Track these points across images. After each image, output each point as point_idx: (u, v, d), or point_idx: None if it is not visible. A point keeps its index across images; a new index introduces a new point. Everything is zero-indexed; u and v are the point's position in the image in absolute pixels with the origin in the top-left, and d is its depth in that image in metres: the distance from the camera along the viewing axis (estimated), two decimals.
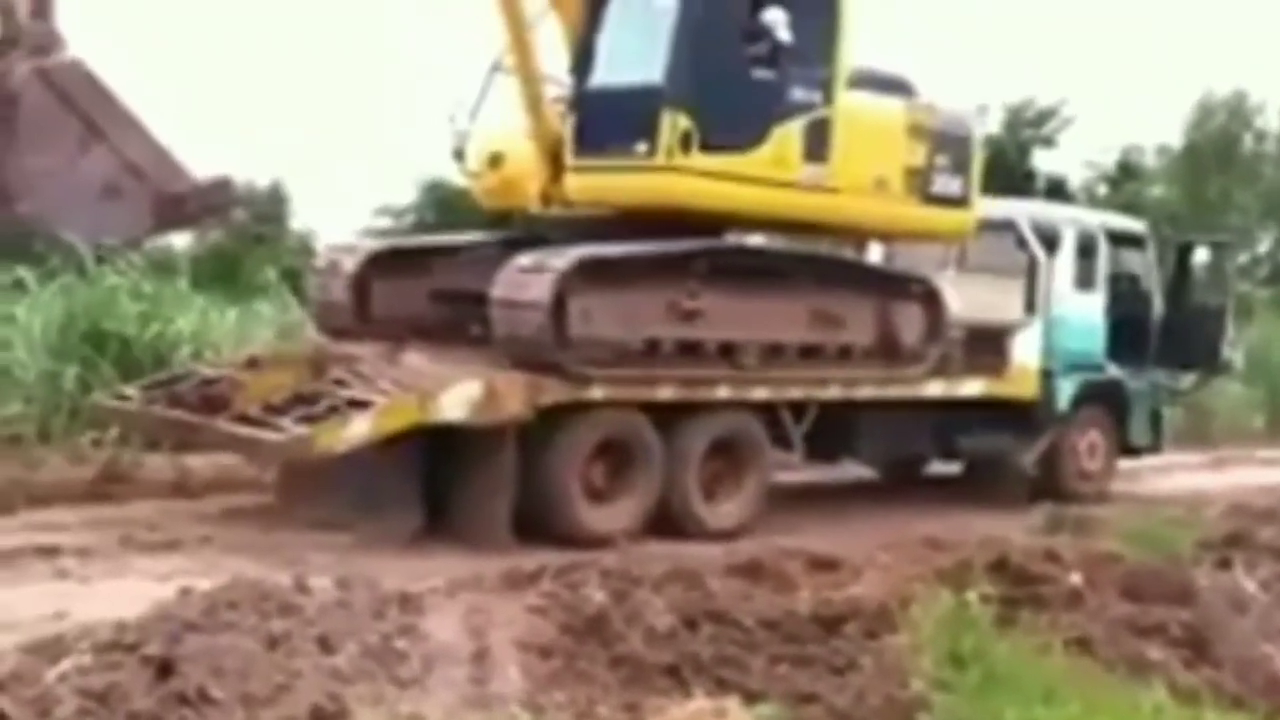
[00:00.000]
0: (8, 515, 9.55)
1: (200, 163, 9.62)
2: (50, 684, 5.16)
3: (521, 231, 11.42)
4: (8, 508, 9.72)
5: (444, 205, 42.03)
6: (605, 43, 10.72)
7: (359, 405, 9.08)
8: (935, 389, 11.90)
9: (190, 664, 5.42)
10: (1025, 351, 12.67)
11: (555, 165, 10.77)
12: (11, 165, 8.07)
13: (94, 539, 8.75)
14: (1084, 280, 13.37)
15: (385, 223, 47.20)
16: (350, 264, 11.17)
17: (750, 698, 6.90)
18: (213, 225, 9.32)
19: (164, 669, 5.37)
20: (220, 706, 5.26)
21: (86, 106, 8.22)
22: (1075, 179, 37.93)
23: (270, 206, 41.56)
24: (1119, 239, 13.97)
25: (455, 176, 12.58)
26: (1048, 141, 37.76)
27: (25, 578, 7.73)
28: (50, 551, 8.29)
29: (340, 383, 9.50)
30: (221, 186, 9.10)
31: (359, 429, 8.88)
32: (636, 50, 10.46)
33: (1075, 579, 8.83)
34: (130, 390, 10.46)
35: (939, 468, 13.89)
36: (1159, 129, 46.25)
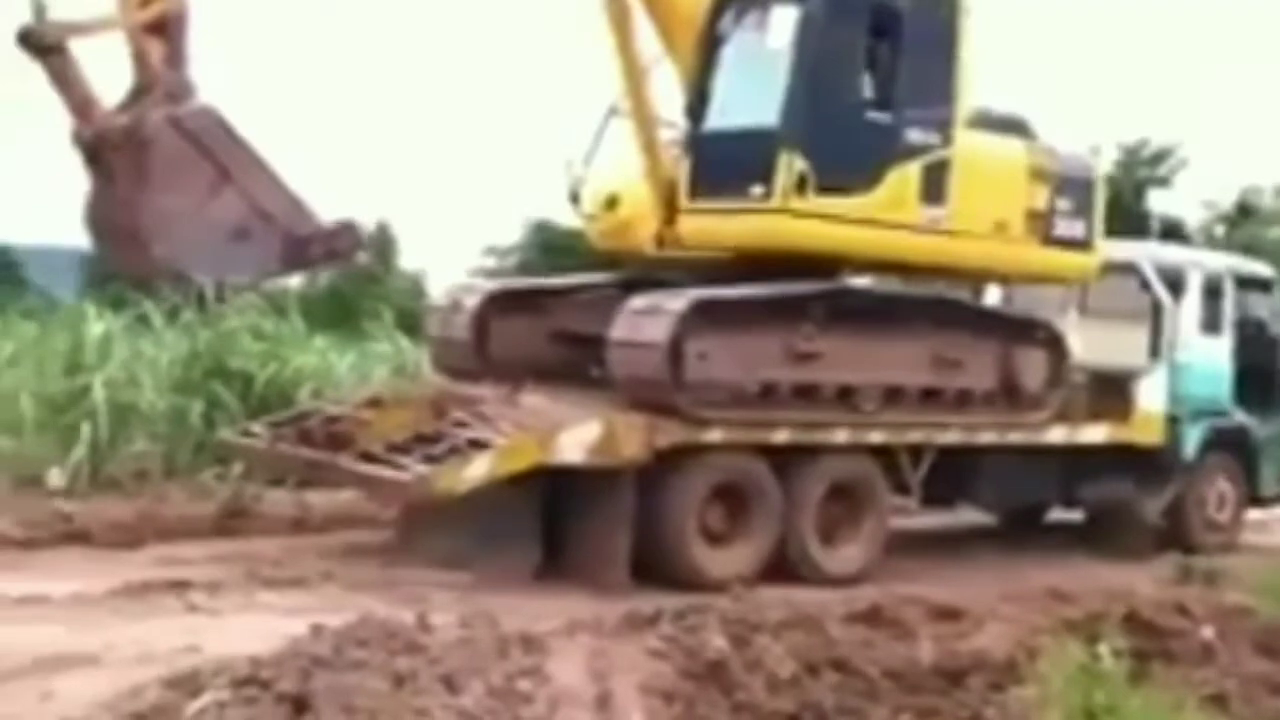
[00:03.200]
0: (136, 549, 9.78)
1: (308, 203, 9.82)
2: (190, 718, 5.24)
3: (637, 273, 11.47)
4: (136, 542, 9.97)
5: (550, 246, 42.61)
6: (720, 86, 10.74)
7: (479, 446, 9.16)
8: (1057, 435, 11.69)
9: (323, 701, 5.48)
10: (1150, 397, 12.40)
11: (670, 208, 10.80)
12: (145, 209, 8.30)
13: (221, 573, 8.91)
14: (1210, 324, 13.06)
15: (492, 263, 48.01)
16: (471, 303, 11.29)
17: None
18: (337, 268, 9.48)
19: (298, 706, 5.44)
20: None
21: (217, 151, 8.44)
22: (1192, 220, 37.31)
23: (378, 247, 42.46)
24: (1245, 282, 13.64)
25: (562, 217, 12.75)
26: (1163, 182, 37.23)
27: (157, 611, 7.88)
28: (180, 585, 8.44)
29: (461, 423, 9.59)
30: (348, 230, 9.24)
31: (479, 469, 8.96)
32: (751, 93, 10.48)
33: (1208, 633, 8.60)
34: (257, 427, 10.65)
35: (1060, 515, 13.59)
36: (1277, 169, 45.27)
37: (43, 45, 8.25)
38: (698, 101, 10.74)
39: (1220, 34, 65.50)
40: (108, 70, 8.66)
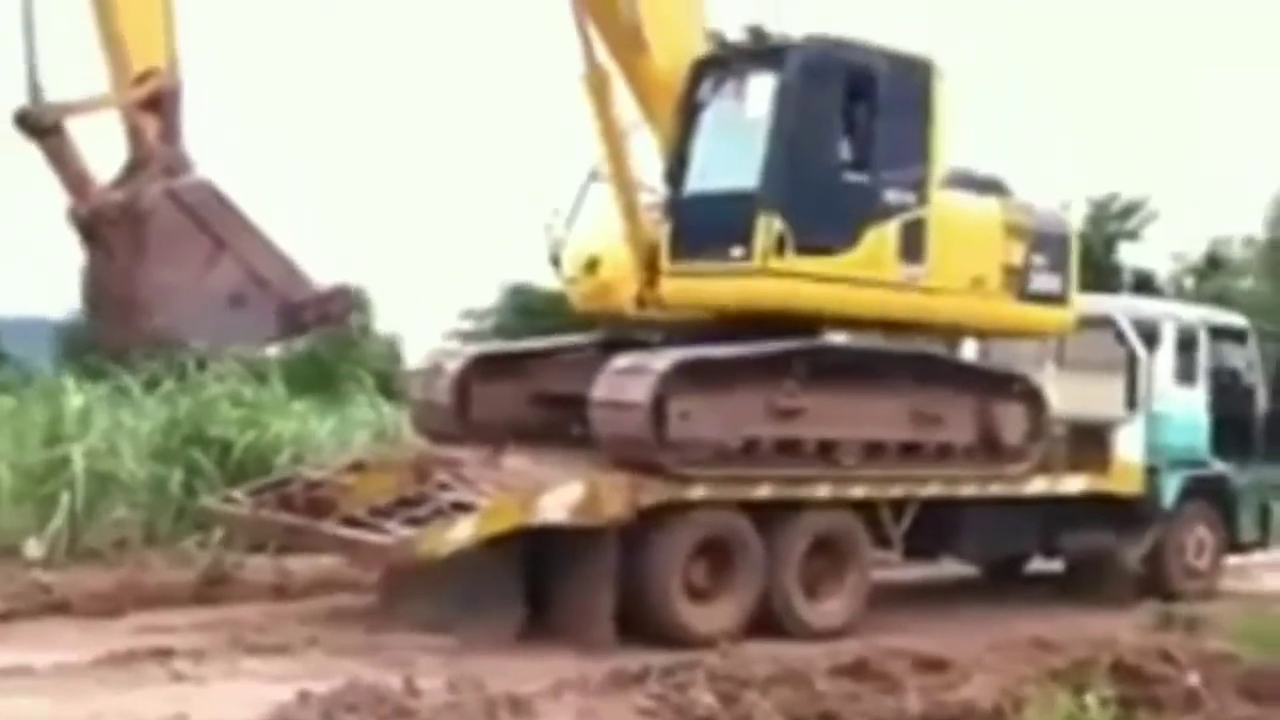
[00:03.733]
0: (118, 618, 9.71)
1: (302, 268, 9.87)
2: None
3: (617, 334, 11.54)
4: (117, 611, 9.90)
5: (527, 309, 42.70)
6: (699, 151, 10.88)
7: (462, 508, 9.17)
8: (1038, 486, 11.78)
9: None
10: (1128, 447, 12.50)
11: (651, 270, 10.89)
12: (143, 281, 8.36)
13: (205, 641, 8.85)
14: (1185, 375, 13.21)
15: (469, 326, 48.05)
16: (452, 367, 11.34)
17: None
18: (330, 331, 9.54)
19: None
20: None
21: (213, 222, 8.52)
22: (1162, 272, 37.68)
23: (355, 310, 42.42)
24: (1219, 333, 13.82)
25: (539, 280, 12.83)
26: (1133, 235, 37.60)
27: (142, 680, 7.82)
28: (164, 654, 8.37)
29: (444, 486, 9.59)
30: (341, 293, 9.29)
31: (463, 532, 8.96)
32: (730, 157, 10.62)
33: (1193, 679, 8.61)
34: (238, 494, 10.63)
35: (1041, 565, 13.64)
36: (1244, 220, 45.84)
37: (40, 127, 8.32)
38: (677, 166, 10.87)
39: (1185, 87, 66.60)
40: (101, 145, 8.72)
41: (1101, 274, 28.17)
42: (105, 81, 8.61)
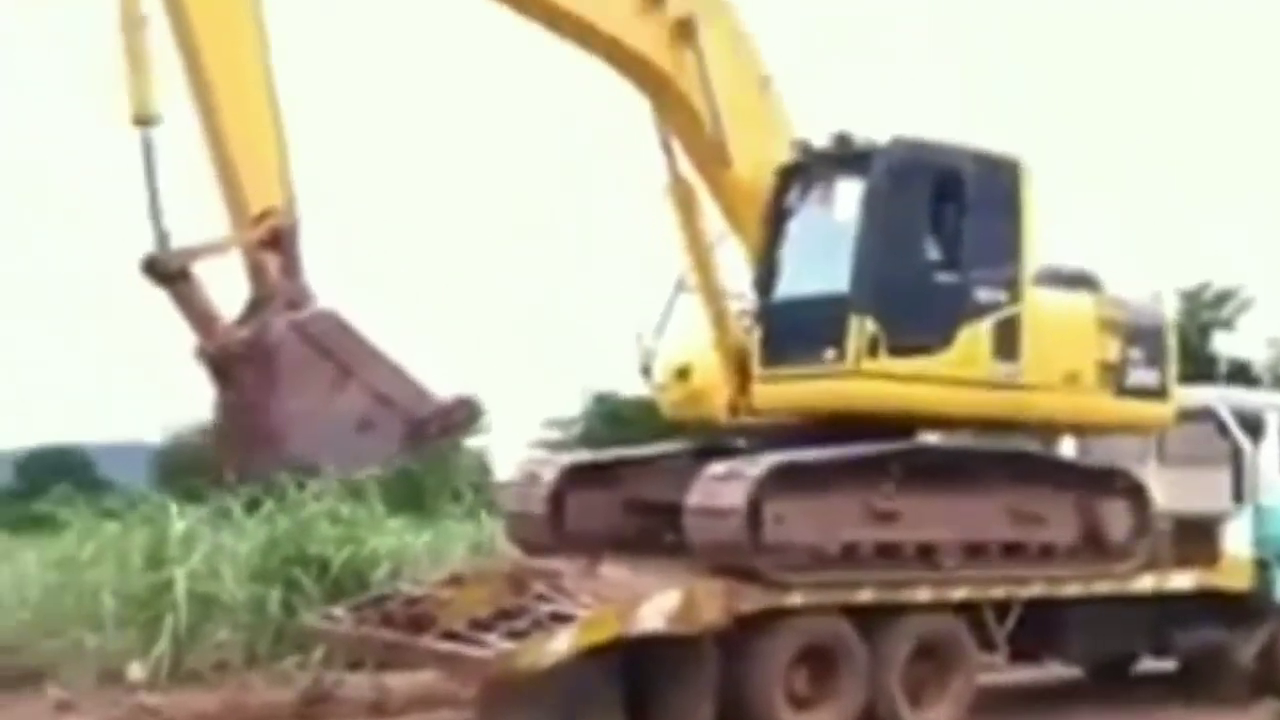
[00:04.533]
0: None
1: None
2: None
3: (710, 442, 11.53)
4: None
5: (613, 417, 42.84)
6: (788, 256, 10.95)
7: (561, 619, 9.13)
8: (1145, 584, 11.52)
9: None
10: (1236, 541, 12.22)
11: (742, 376, 10.91)
12: (275, 411, 8.62)
13: None
14: None
15: (555, 435, 48.20)
16: (547, 477, 11.36)
17: None
18: (453, 445, 9.71)
19: None
20: None
21: (338, 350, 8.79)
22: (1258, 359, 36.97)
23: None
24: None
25: (625, 387, 12.85)
26: (1227, 324, 36.99)
27: None
28: None
29: (542, 597, 9.56)
30: (463, 404, 9.49)
31: (562, 643, 8.91)
32: (820, 261, 10.66)
33: None
34: (337, 611, 10.67)
35: (1151, 664, 13.25)
36: None
37: (167, 274, 8.55)
38: (766, 272, 10.94)
39: (1271, 173, 65.74)
40: (224, 281, 8.94)
41: (1197, 364, 27.74)
42: (224, 221, 8.84)
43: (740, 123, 10.66)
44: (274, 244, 8.81)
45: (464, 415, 9.50)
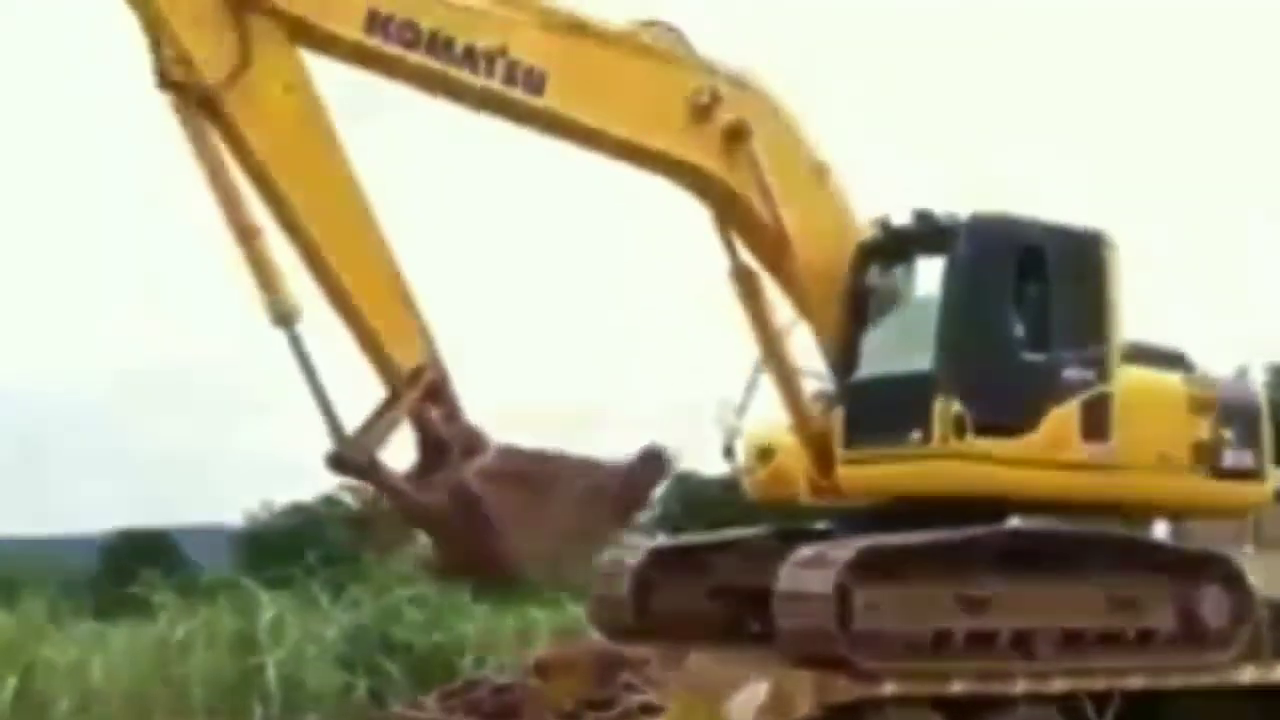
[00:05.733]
0: None
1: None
2: None
3: (794, 525, 11.42)
4: None
5: (692, 499, 42.60)
6: (869, 336, 10.88)
7: (651, 711, 9.06)
8: (1248, 676, 11.14)
9: None
10: None
11: (822, 458, 10.82)
12: (503, 550, 8.89)
13: None
14: None
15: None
16: (631, 561, 11.31)
17: None
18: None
19: None
20: None
21: (529, 475, 9.06)
22: None
23: None
24: None
25: (702, 468, 12.80)
26: None
27: None
28: None
29: (629, 687, 9.50)
30: (653, 458, 9.64)
31: None
32: (903, 340, 10.59)
33: None
34: (427, 700, 10.65)
35: None
36: None
37: (360, 467, 8.81)
38: (847, 352, 10.86)
39: None
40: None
41: None
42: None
43: (799, 211, 10.57)
44: (432, 398, 9.04)
45: (656, 468, 9.63)
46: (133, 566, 20.03)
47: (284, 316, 8.39)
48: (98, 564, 42.55)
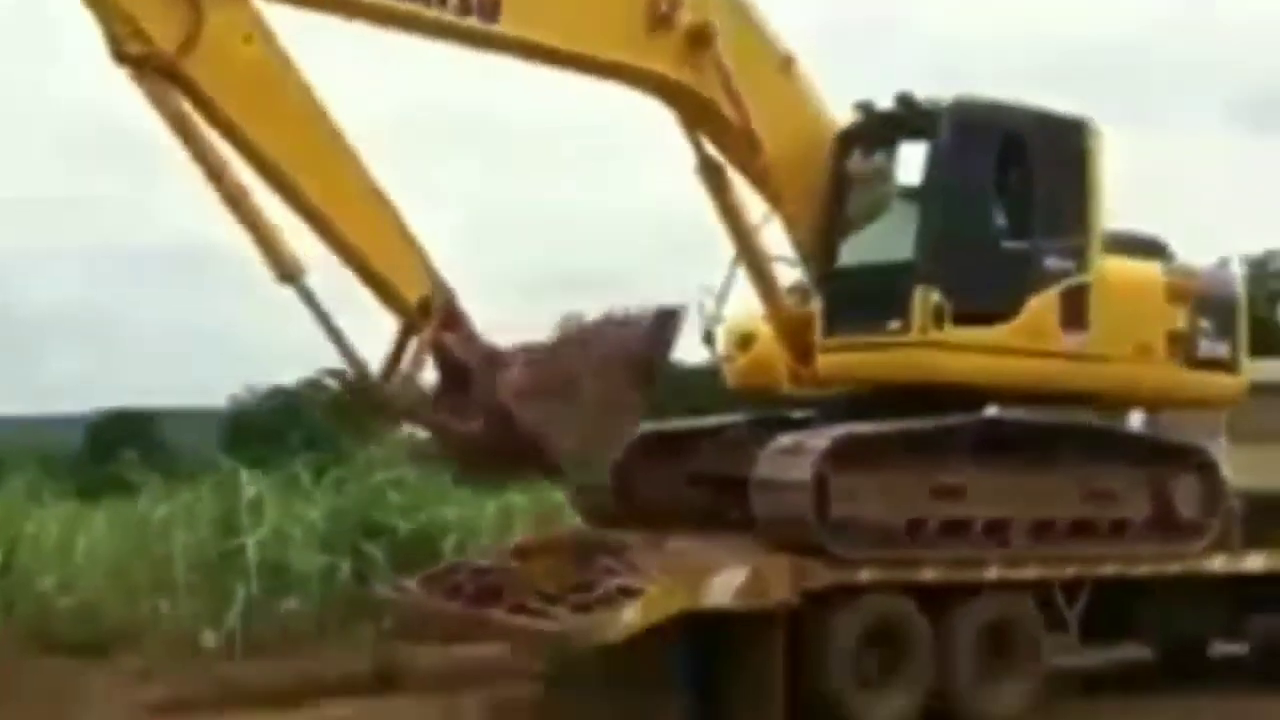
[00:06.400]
0: (297, 708, 9.87)
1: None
2: None
3: (774, 413, 11.46)
4: (294, 702, 10.05)
5: (674, 385, 42.85)
6: (850, 224, 10.75)
7: (630, 593, 9.14)
8: (1217, 564, 11.32)
9: None
10: None
11: (800, 347, 10.80)
12: (547, 454, 9.03)
13: None
14: None
15: None
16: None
17: None
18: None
19: None
20: None
21: (551, 364, 9.19)
22: None
23: None
24: None
25: (683, 356, 12.76)
26: None
27: None
28: None
29: (609, 571, 9.58)
30: (669, 316, 9.69)
31: (631, 617, 8.91)
32: (884, 229, 10.53)
33: None
34: (408, 582, 10.75)
35: (1224, 648, 13.05)
36: None
37: (406, 410, 9.17)
38: (827, 239, 10.79)
39: None
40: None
41: (1263, 335, 27.16)
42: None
43: (768, 109, 10.34)
44: (446, 323, 9.09)
45: (673, 325, 9.66)
46: (117, 447, 20.08)
47: (287, 274, 8.33)
48: (82, 445, 42.73)
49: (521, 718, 9.51)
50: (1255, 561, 11.60)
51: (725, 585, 9.20)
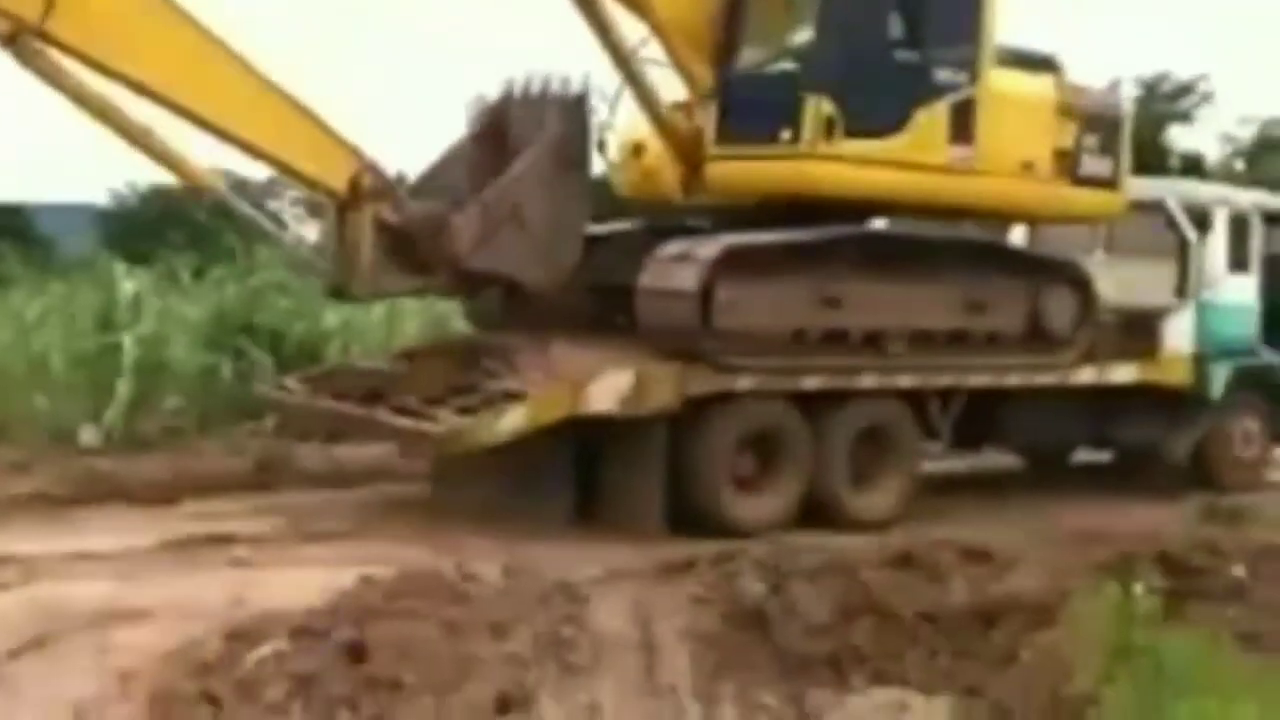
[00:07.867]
0: (175, 505, 9.88)
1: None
2: (253, 668, 5.34)
3: (663, 221, 11.43)
4: (174, 497, 10.06)
5: None
6: (745, 30, 10.64)
7: (513, 397, 9.21)
8: (1086, 376, 11.66)
9: (379, 650, 5.58)
10: (1177, 336, 12.32)
11: (689, 160, 10.72)
12: (528, 285, 10.44)
13: (262, 527, 9.02)
14: (1237, 262, 12.92)
15: None
16: None
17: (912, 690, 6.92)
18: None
19: (356, 654, 5.55)
20: (411, 692, 5.41)
21: (503, 202, 9.97)
22: (1211, 155, 37.02)
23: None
24: (1273, 219, 13.50)
25: None
26: (1184, 117, 36.84)
27: (202, 565, 7.98)
28: (223, 540, 8.55)
29: (493, 374, 9.64)
30: (578, 102, 10.56)
31: (514, 420, 9.01)
32: (778, 37, 10.42)
33: (1239, 571, 8.68)
34: (291, 382, 10.72)
35: (1087, 456, 13.61)
36: None
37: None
38: (722, 48, 10.64)
39: None
40: None
41: (1149, 156, 27.62)
42: None
43: None
44: (377, 197, 9.49)
45: (584, 108, 10.56)
46: None
47: (204, 192, 9.09)
48: None
49: (407, 517, 9.62)
50: (1121, 374, 11.96)
51: (608, 390, 9.30)
